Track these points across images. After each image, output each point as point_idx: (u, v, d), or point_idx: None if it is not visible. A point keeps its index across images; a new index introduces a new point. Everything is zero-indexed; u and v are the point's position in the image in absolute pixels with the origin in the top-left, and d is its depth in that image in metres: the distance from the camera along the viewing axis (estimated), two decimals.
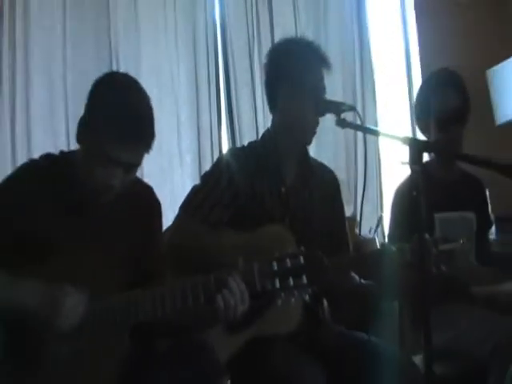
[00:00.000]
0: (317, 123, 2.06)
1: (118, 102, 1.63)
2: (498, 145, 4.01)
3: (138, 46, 3.71)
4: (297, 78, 2.04)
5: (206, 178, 2.11)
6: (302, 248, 1.62)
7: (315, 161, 2.27)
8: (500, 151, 3.83)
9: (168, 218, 2.02)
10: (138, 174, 1.81)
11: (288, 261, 1.58)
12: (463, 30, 4.25)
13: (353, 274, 2.03)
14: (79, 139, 1.70)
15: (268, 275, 1.59)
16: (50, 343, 1.53)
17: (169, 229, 2.03)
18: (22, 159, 3.19)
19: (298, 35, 3.54)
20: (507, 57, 4.07)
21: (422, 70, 4.20)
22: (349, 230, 2.24)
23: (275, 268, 1.59)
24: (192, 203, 2.05)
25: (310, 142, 2.14)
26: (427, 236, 1.80)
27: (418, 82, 4.19)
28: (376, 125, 4.03)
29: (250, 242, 1.88)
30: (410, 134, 3.99)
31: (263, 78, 2.21)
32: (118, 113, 1.61)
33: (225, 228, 1.99)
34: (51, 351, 1.54)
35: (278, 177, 2.10)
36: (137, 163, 1.69)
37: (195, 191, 2.08)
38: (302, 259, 1.58)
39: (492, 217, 2.81)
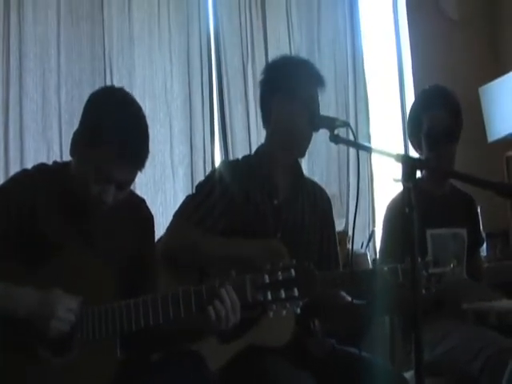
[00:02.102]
0: (310, 137, 2.09)
1: (116, 121, 1.63)
2: (489, 162, 4.05)
3: (132, 58, 3.72)
4: (291, 93, 2.09)
5: (200, 187, 2.14)
6: (294, 261, 1.64)
7: (310, 179, 2.31)
8: (491, 168, 3.90)
9: (160, 229, 2.04)
10: None
11: (280, 273, 1.60)
12: (456, 47, 4.31)
13: (343, 293, 2.05)
14: (73, 153, 1.71)
15: (260, 287, 1.61)
16: (39, 349, 1.54)
17: (162, 237, 2.06)
18: (14, 169, 3.19)
19: (293, 53, 3.59)
20: (499, 74, 4.11)
21: (414, 87, 4.24)
22: (340, 244, 2.26)
23: (267, 280, 1.60)
24: (186, 209, 2.09)
25: (303, 155, 2.17)
26: (419, 258, 1.82)
27: (410, 98, 4.23)
28: (369, 141, 4.07)
29: (242, 253, 1.91)
30: (402, 151, 4.05)
31: (257, 94, 2.25)
32: (115, 133, 1.61)
33: (218, 235, 2.02)
34: (41, 357, 1.55)
35: (271, 189, 2.13)
36: (131, 181, 1.71)
37: (189, 199, 2.13)
38: (293, 272, 1.60)
39: (483, 233, 2.85)
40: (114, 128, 1.62)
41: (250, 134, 3.86)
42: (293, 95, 2.08)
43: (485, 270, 2.78)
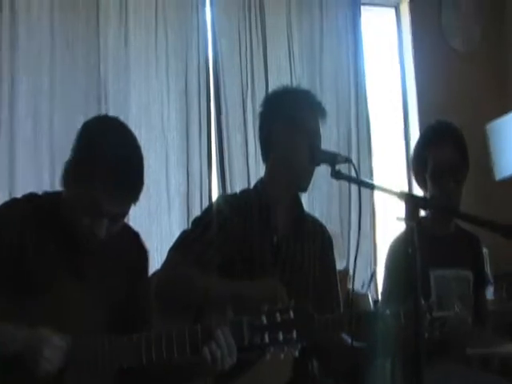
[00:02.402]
0: (312, 171, 2.12)
1: (110, 152, 1.64)
2: (497, 200, 4.07)
3: (127, 85, 3.76)
4: (292, 124, 2.12)
5: (197, 222, 2.16)
6: (292, 302, 1.65)
7: (310, 215, 2.33)
8: (499, 207, 3.91)
9: (155, 263, 2.06)
10: None
11: (278, 315, 1.61)
12: (462, 80, 4.34)
13: (344, 336, 2.06)
14: (65, 184, 1.71)
15: (257, 329, 1.62)
16: None
17: (156, 273, 2.07)
18: (4, 197, 3.20)
19: (294, 84, 3.64)
20: (507, 111, 4.16)
21: (419, 122, 4.28)
22: (340, 284, 2.28)
23: (265, 322, 1.61)
24: (182, 244, 2.10)
25: (305, 190, 2.19)
26: (422, 301, 1.84)
27: (415, 133, 4.26)
28: (371, 177, 4.10)
29: (239, 292, 1.92)
30: (406, 188, 4.08)
31: (256, 125, 2.27)
32: (110, 165, 1.62)
33: (215, 274, 2.03)
34: None
35: (270, 225, 2.15)
36: (124, 213, 1.71)
37: (186, 234, 2.14)
38: (291, 314, 1.61)
39: (489, 275, 2.86)
40: (107, 159, 1.62)
41: (248, 166, 3.89)
42: (293, 126, 2.11)
43: (490, 312, 2.78)
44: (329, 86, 4.17)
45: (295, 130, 2.11)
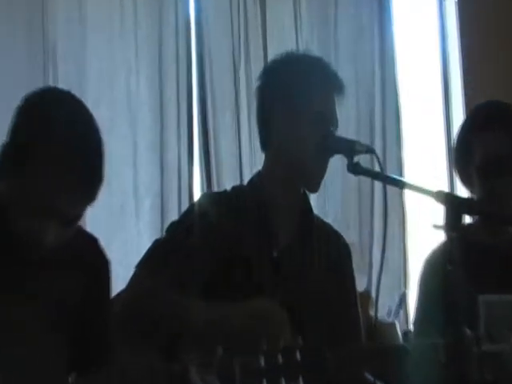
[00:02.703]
0: (325, 166, 2.11)
1: (57, 135, 1.63)
2: None
3: (83, 50, 3.78)
4: (299, 104, 2.10)
5: (174, 228, 2.14)
6: (300, 339, 1.65)
7: (319, 219, 2.31)
8: None
9: (118, 279, 2.05)
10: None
11: (280, 356, 1.62)
12: None
13: (366, 376, 2.06)
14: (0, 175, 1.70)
15: (253, 374, 1.62)
16: None
17: (121, 293, 2.05)
18: None
19: (301, 49, 3.63)
20: None
21: (464, 101, 4.30)
22: (361, 309, 2.26)
23: (262, 365, 1.62)
24: (154, 259, 2.07)
25: (315, 190, 2.18)
26: (468, 331, 1.85)
27: (459, 115, 4.28)
28: (401, 172, 4.14)
29: (229, 324, 1.88)
30: (446, 187, 4.10)
31: (251, 102, 2.26)
32: (56, 151, 1.61)
33: (196, 297, 2.00)
34: None
35: (269, 235, 2.13)
36: (78, 216, 1.72)
37: (158, 245, 2.12)
38: (298, 355, 1.61)
39: None
40: (54, 144, 1.62)
41: (241, 155, 3.93)
42: (300, 105, 2.10)
43: None
44: (346, 53, 4.21)
45: (302, 110, 2.09)
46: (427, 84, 4.52)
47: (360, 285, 3.30)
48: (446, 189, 2.01)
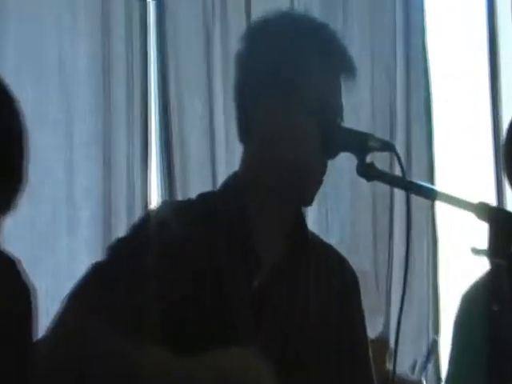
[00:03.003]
0: (323, 169, 2.11)
1: None
2: None
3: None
4: (294, 85, 2.08)
5: (120, 248, 2.13)
6: None
7: (316, 237, 2.31)
8: None
9: (44, 316, 2.00)
10: None
11: None
12: None
13: None
14: None
15: None
16: None
17: (47, 334, 2.03)
18: None
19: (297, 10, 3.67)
20: None
21: None
22: (375, 361, 2.28)
23: None
24: (92, 290, 2.05)
25: (310, 201, 2.18)
26: None
27: (509, 108, 4.35)
28: (431, 178, 4.16)
29: (195, 374, 1.86)
30: (492, 197, 4.08)
31: (228, 81, 2.25)
32: None
33: (150, 344, 1.97)
34: None
35: (248, 259, 2.13)
36: None
37: (98, 270, 2.10)
38: None
39: None
40: None
41: (214, 153, 3.96)
42: (293, 85, 2.08)
43: None
44: (359, 19, 4.25)
45: (298, 92, 2.08)
46: (468, 63, 4.56)
47: (374, 328, 3.32)
48: (491, 201, 2.01)
